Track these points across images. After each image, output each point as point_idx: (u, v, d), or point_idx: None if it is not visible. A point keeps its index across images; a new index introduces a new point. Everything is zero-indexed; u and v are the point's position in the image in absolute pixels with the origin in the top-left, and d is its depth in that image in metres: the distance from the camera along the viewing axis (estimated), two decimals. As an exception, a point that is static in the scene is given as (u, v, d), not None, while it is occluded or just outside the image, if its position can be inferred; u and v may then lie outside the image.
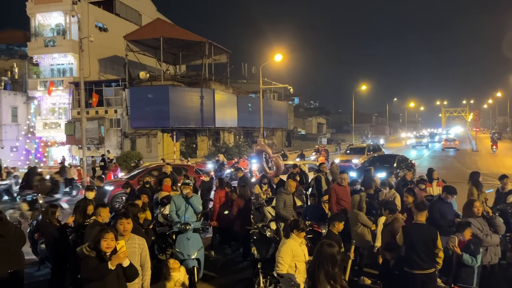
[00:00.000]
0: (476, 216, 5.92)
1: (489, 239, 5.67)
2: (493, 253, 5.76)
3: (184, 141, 32.03)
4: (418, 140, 51.72)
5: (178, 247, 6.81)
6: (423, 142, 49.99)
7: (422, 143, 49.62)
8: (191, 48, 35.74)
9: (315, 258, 3.86)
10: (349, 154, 25.45)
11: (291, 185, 7.97)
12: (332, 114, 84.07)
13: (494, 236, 5.74)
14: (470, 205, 6.10)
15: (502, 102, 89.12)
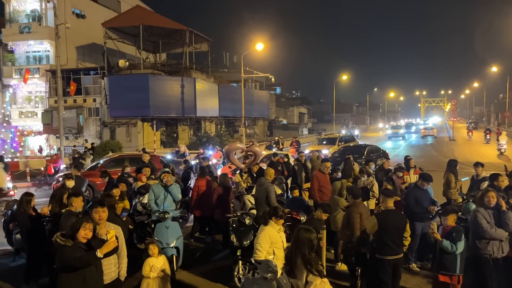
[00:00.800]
0: (487, 207, 5.55)
1: (492, 231, 5.36)
2: (497, 246, 5.44)
3: (164, 130, 31.72)
4: (394, 131, 49.43)
5: (157, 236, 6.77)
6: (400, 133, 48.15)
7: (398, 134, 47.77)
8: (172, 36, 35.26)
9: (293, 243, 3.92)
10: (320, 144, 25.53)
11: (269, 173, 7.97)
12: (313, 104, 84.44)
13: (499, 231, 5.39)
14: (484, 194, 5.68)
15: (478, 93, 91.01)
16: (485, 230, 5.37)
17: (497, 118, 68.65)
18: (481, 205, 5.60)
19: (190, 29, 32.73)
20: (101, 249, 4.08)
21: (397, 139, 45.64)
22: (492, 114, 76.94)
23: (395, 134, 47.46)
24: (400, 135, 47.15)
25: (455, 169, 8.94)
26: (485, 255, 5.44)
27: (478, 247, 5.51)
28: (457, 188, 8.84)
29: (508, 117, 54.79)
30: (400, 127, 53.96)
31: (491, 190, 5.72)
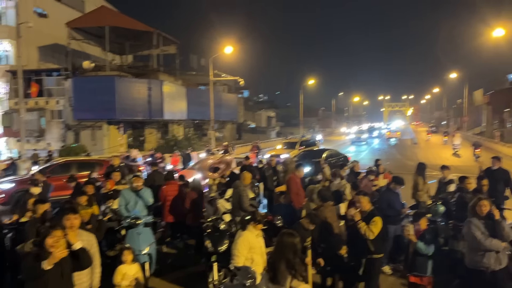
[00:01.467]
0: (479, 217, 5.17)
1: (488, 242, 4.95)
2: (494, 258, 5.01)
3: (131, 133, 31.08)
4: (357, 135, 48.24)
5: (128, 243, 6.57)
6: (362, 138, 46.76)
7: (361, 139, 46.35)
8: (139, 38, 34.63)
9: (276, 248, 3.88)
10: (281, 148, 25.48)
11: (246, 178, 7.92)
12: (281, 107, 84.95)
13: (495, 241, 4.96)
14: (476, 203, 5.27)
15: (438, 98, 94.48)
16: (480, 241, 5.00)
17: (456, 122, 71.44)
18: (474, 215, 5.23)
19: (158, 31, 32.27)
20: (48, 260, 3.85)
21: (360, 143, 44.76)
22: (451, 118, 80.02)
23: (358, 138, 46.42)
24: (363, 140, 46.22)
25: (424, 172, 9.18)
26: (482, 268, 5.07)
27: (474, 260, 5.14)
28: (425, 190, 9.07)
29: (466, 121, 57.17)
30: (363, 131, 52.92)
31: (484, 198, 5.36)
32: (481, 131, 52.01)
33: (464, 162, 25.04)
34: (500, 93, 48.96)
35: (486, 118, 50.69)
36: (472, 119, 59.77)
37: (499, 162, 9.44)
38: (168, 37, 34.39)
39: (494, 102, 47.19)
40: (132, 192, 7.29)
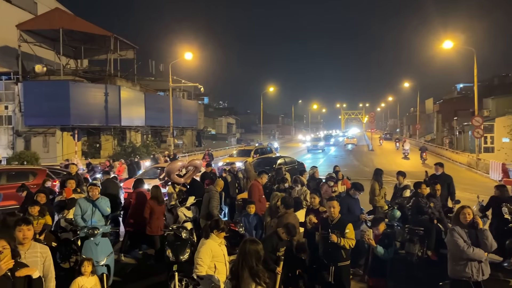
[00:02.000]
0: (462, 225, 5.03)
1: (470, 251, 4.80)
2: (476, 268, 4.87)
3: (86, 140, 30.08)
4: (313, 143, 46.56)
5: (85, 254, 6.30)
6: (319, 146, 45.27)
7: (317, 147, 44.99)
8: (95, 42, 33.69)
9: (239, 255, 3.84)
10: (235, 156, 24.45)
11: (219, 184, 8.23)
12: (241, 114, 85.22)
13: (477, 250, 4.82)
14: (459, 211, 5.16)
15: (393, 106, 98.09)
16: (462, 250, 4.84)
17: (409, 130, 74.40)
18: (457, 223, 5.10)
19: (115, 35, 31.55)
20: None
21: (317, 151, 43.69)
22: (405, 126, 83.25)
23: (314, 146, 45.05)
24: (320, 148, 44.80)
25: (380, 178, 9.44)
26: (464, 278, 4.92)
27: (456, 270, 4.98)
28: (381, 195, 9.33)
29: (418, 128, 59.68)
30: (319, 139, 51.34)
31: (467, 206, 5.19)
32: (432, 138, 54.44)
33: (417, 168, 26.05)
34: (449, 102, 51.61)
35: (436, 126, 53.15)
36: (423, 127, 62.49)
37: (442, 168, 9.93)
38: (126, 42, 33.69)
39: (443, 110, 49.62)
40: (89, 201, 7.03)
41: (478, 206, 8.60)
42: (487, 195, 9.18)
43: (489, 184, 19.82)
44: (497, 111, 33.78)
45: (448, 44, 27.52)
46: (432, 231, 7.16)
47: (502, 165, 21.07)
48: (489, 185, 19.17)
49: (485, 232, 4.93)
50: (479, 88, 29.11)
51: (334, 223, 5.57)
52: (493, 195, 8.38)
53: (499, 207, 7.85)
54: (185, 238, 6.60)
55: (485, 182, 20.73)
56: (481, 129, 24.97)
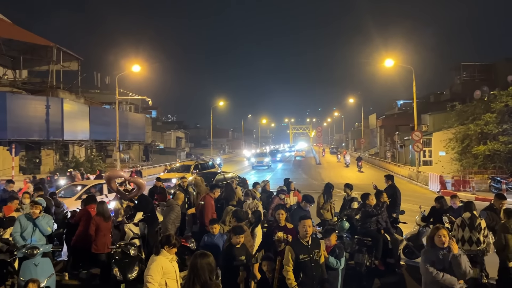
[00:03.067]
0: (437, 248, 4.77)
1: (439, 277, 4.61)
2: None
3: (24, 155, 28.39)
4: (258, 159, 41.64)
5: (23, 276, 5.90)
6: (265, 162, 40.79)
7: (263, 163, 40.62)
8: (36, 53, 32.20)
9: (190, 271, 3.75)
10: (172, 172, 23.10)
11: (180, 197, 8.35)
12: (190, 128, 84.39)
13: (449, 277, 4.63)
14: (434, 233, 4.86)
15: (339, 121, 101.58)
16: (433, 276, 4.66)
17: (354, 144, 77.14)
18: (432, 246, 4.85)
19: (58, 46, 30.35)
20: None
21: (262, 167, 39.83)
22: (350, 140, 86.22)
23: (259, 162, 40.56)
24: (266, 164, 40.57)
25: (329, 192, 9.64)
26: None
27: None
28: (326, 209, 9.50)
29: (363, 143, 62.06)
30: (265, 154, 45.62)
31: (442, 227, 4.93)
32: (375, 152, 56.73)
33: (363, 181, 26.97)
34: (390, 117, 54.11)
35: (379, 140, 55.49)
36: (368, 141, 65.08)
37: (390, 180, 10.36)
38: (69, 53, 32.50)
39: (386, 125, 51.94)
40: (29, 219, 6.61)
41: (421, 216, 9.04)
42: (427, 205, 9.68)
43: (428, 195, 20.91)
44: (434, 126, 35.88)
45: (389, 62, 29.02)
46: (379, 241, 7.40)
47: (440, 177, 22.32)
48: (429, 196, 20.24)
49: (458, 258, 4.64)
50: (417, 104, 30.83)
51: (311, 243, 5.07)
52: (433, 206, 8.84)
53: (439, 217, 8.28)
54: (133, 256, 6.37)
55: (425, 193, 21.84)
56: (420, 143, 26.37)
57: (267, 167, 40.24)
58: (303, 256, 4.94)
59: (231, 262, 5.33)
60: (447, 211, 8.32)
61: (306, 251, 4.99)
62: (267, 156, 43.98)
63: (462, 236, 6.81)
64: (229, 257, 5.39)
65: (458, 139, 27.90)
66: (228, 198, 9.77)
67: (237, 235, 5.46)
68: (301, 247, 5.01)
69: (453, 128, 28.80)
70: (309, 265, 4.93)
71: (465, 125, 27.36)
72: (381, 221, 7.59)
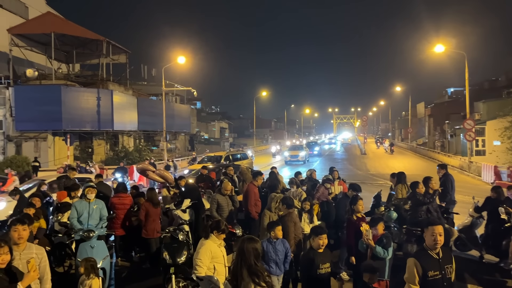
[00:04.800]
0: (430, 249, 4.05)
1: None
2: None
3: (78, 145, 29.82)
4: (292, 153, 35.20)
5: (80, 257, 6.20)
6: (300, 157, 34.43)
7: (297, 158, 34.41)
8: (87, 46, 33.57)
9: (238, 255, 3.80)
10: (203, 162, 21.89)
11: (227, 188, 8.07)
12: (234, 119, 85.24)
13: None
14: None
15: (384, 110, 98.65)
16: None
17: (401, 134, 74.86)
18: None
19: (107, 40, 31.42)
20: (23, 282, 3.62)
21: (297, 163, 33.73)
22: (396, 130, 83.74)
23: (293, 157, 34.56)
24: (301, 159, 34.35)
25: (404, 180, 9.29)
26: None
27: None
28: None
29: (410, 132, 60.08)
30: (300, 147, 37.99)
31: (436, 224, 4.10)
32: (423, 141, 54.79)
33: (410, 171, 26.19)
34: (440, 106, 52.02)
35: (428, 130, 53.54)
36: (415, 131, 62.89)
37: (443, 169, 9.92)
38: (118, 46, 33.58)
39: (435, 114, 49.99)
40: (85, 203, 6.95)
41: (474, 207, 8.64)
42: (480, 197, 9.23)
43: (481, 186, 19.97)
44: (488, 115, 34.11)
45: (440, 48, 27.75)
46: (429, 232, 7.15)
47: (495, 167, 21.23)
48: (482, 187, 19.33)
49: None
50: (470, 92, 29.38)
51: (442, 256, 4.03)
52: (488, 196, 8.41)
53: (495, 208, 7.88)
54: (182, 240, 6.53)
55: (477, 185, 20.88)
56: (472, 132, 25.15)
57: (303, 162, 33.91)
58: (433, 272, 3.94)
59: (315, 272, 4.72)
60: (503, 202, 7.89)
61: (437, 266, 3.95)
62: (303, 149, 36.65)
63: (521, 228, 6.45)
64: (310, 265, 4.76)
65: (515, 127, 26.35)
66: (272, 186, 9.79)
67: (319, 236, 4.82)
68: (430, 261, 3.95)
69: (510, 116, 27.19)
70: (441, 284, 3.96)
71: (523, 112, 25.79)
72: (432, 210, 7.32)
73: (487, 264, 8.08)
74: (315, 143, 51.43)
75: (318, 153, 44.08)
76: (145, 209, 8.00)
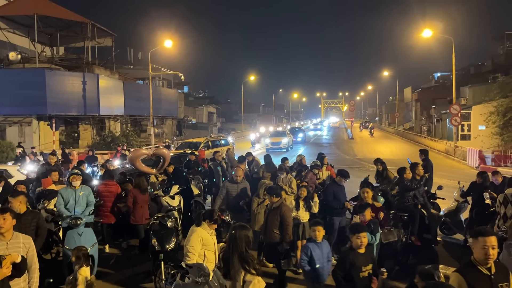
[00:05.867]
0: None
1: None
2: None
3: (64, 130, 29.42)
4: (274, 140, 32.54)
5: (68, 244, 6.17)
6: (282, 144, 31.86)
7: (280, 145, 31.71)
8: (71, 29, 32.83)
9: (229, 242, 3.82)
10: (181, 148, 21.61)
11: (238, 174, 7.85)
12: (222, 103, 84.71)
13: None
14: None
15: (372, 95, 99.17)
16: None
17: (388, 118, 75.41)
18: None
19: (92, 22, 30.77)
20: None
21: (279, 150, 30.87)
22: (384, 114, 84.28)
23: (275, 144, 31.69)
24: (284, 147, 31.69)
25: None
26: None
27: None
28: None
29: (397, 117, 60.54)
30: (283, 134, 35.20)
31: None
32: (410, 126, 55.28)
33: (396, 156, 26.46)
34: (427, 90, 52.35)
35: (415, 114, 53.97)
36: (402, 115, 63.41)
37: (423, 154, 10.17)
38: (104, 29, 32.92)
39: (422, 99, 50.31)
40: (70, 190, 6.88)
41: (460, 192, 8.79)
42: (465, 181, 9.40)
43: (466, 170, 20.31)
44: (474, 100, 34.44)
45: (427, 32, 27.82)
46: (416, 217, 7.26)
47: (479, 152, 21.57)
48: (467, 171, 19.66)
49: None
50: (456, 76, 29.60)
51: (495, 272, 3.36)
52: (473, 181, 8.55)
53: (480, 193, 8.02)
54: (170, 227, 6.53)
55: (462, 169, 21.23)
56: (458, 117, 25.44)
57: (285, 150, 31.22)
58: None
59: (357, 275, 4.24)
60: (488, 187, 8.04)
61: (487, 283, 3.28)
62: (286, 135, 33.83)
63: (505, 213, 6.59)
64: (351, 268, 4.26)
65: (500, 112, 26.65)
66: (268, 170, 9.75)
67: (357, 235, 4.30)
68: (478, 278, 3.28)
69: (495, 101, 27.49)
70: None
71: (508, 97, 26.06)
72: (418, 196, 7.42)
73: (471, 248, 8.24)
74: (299, 129, 48.44)
75: (302, 139, 41.05)
76: (132, 196, 7.95)
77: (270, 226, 6.19)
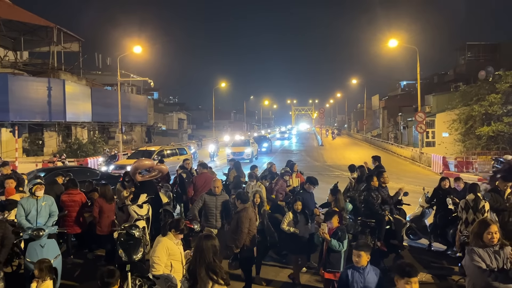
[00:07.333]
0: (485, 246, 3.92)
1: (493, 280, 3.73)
2: None
3: (27, 137, 28.46)
4: (235, 150, 28.88)
5: (29, 257, 5.94)
6: (245, 154, 28.58)
7: (242, 155, 27.91)
8: (36, 33, 31.95)
9: (195, 252, 3.77)
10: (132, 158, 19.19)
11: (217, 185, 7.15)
12: (192, 110, 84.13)
13: None
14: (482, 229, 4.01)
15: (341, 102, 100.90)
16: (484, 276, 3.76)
17: (356, 125, 76.93)
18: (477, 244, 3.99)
19: (58, 27, 30.06)
20: None
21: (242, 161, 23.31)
22: (352, 121, 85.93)
23: (237, 154, 27.00)
24: (247, 157, 28.35)
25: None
26: None
27: None
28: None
29: (365, 124, 61.84)
30: (246, 143, 31.36)
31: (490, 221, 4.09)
32: (378, 133, 56.58)
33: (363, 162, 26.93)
34: (393, 98, 53.77)
35: (382, 121, 55.27)
36: (370, 122, 64.86)
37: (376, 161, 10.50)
38: (70, 34, 32.21)
39: (389, 106, 51.62)
40: (32, 201, 6.64)
41: (425, 198, 9.04)
42: (430, 187, 9.68)
43: (431, 176, 20.91)
44: (438, 107, 35.64)
45: (393, 42, 28.63)
46: (383, 223, 7.40)
47: (443, 158, 22.28)
48: (432, 177, 20.24)
49: None
50: (421, 85, 30.55)
51: None
52: (436, 187, 8.82)
53: (443, 198, 8.27)
54: (138, 237, 6.39)
55: (428, 175, 21.84)
56: (423, 124, 26.23)
57: (249, 161, 27.58)
58: None
59: None
60: (450, 193, 8.30)
61: None
62: (250, 145, 30.45)
63: (466, 218, 6.81)
64: None
65: (461, 120, 27.75)
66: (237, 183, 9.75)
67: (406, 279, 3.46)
68: None
69: (457, 109, 28.61)
70: None
71: (469, 106, 27.17)
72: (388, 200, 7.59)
73: (435, 252, 8.49)
74: (264, 137, 43.48)
75: (267, 149, 36.93)
76: (98, 205, 7.75)
77: (231, 230, 6.45)
